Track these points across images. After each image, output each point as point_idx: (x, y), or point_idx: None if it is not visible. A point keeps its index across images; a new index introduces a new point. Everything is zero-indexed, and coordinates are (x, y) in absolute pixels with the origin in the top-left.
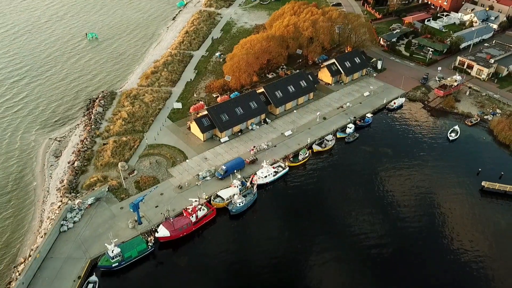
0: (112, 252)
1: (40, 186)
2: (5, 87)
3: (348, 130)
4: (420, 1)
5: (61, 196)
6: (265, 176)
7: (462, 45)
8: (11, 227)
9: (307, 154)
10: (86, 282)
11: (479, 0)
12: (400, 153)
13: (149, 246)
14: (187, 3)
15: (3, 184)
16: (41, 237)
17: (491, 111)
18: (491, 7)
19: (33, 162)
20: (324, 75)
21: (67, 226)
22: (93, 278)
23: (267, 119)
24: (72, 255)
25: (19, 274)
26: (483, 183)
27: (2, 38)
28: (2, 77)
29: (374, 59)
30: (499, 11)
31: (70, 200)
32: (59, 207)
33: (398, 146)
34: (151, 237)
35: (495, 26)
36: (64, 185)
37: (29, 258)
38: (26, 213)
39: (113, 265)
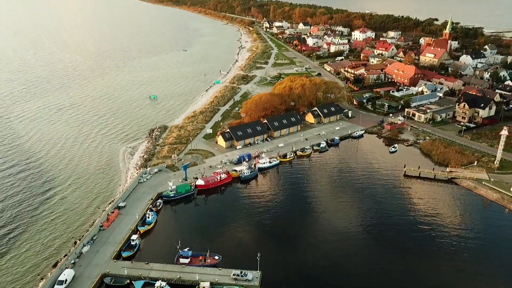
0: (171, 187)
1: (123, 167)
2: (104, 122)
3: (322, 145)
4: (389, 80)
5: (137, 170)
6: (264, 163)
7: (413, 105)
8: (109, 183)
9: (292, 155)
10: (154, 202)
11: (432, 79)
12: (355, 159)
13: (192, 189)
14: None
15: (102, 168)
16: (128, 185)
17: (422, 138)
18: (440, 83)
19: (117, 157)
20: (309, 118)
21: (143, 180)
22: (159, 201)
23: (268, 138)
24: (146, 191)
25: (118, 195)
26: (405, 169)
27: (102, 100)
28: (104, 119)
29: (346, 110)
30: (446, 86)
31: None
32: (137, 172)
33: (355, 156)
34: (193, 183)
35: (440, 94)
36: (138, 165)
37: (122, 190)
38: (117, 178)
39: (170, 195)
